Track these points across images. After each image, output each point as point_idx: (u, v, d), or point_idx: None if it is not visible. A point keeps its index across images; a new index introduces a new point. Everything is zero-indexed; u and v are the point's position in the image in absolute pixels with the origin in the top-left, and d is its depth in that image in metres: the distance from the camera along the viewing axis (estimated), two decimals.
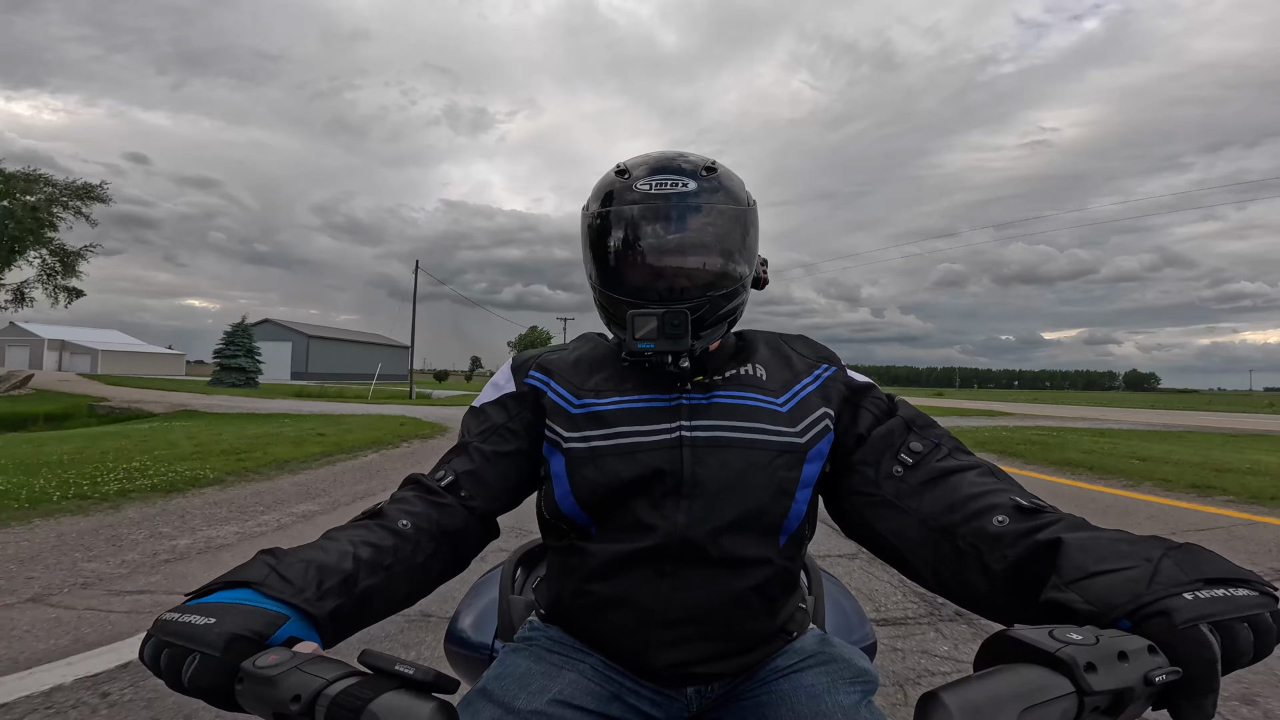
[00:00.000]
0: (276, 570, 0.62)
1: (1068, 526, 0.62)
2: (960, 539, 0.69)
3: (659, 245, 0.80)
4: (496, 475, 0.83)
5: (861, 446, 0.82)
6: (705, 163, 0.84)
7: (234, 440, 8.47)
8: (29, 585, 3.07)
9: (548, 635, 0.85)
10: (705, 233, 0.80)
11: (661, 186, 0.80)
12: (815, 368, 0.89)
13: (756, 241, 0.87)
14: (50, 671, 2.22)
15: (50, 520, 4.32)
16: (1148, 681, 0.43)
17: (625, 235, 0.81)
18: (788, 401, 0.84)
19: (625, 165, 0.85)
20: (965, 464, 0.76)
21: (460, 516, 0.80)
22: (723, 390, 0.85)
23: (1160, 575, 0.51)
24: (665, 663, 0.77)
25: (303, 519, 4.70)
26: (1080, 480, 7.14)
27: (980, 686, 0.42)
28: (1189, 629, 0.45)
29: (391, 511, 0.76)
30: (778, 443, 0.80)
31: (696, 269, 0.80)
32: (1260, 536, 4.46)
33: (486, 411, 0.87)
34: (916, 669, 2.36)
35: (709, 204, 0.80)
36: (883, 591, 3.19)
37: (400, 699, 0.46)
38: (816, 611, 1.01)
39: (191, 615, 0.55)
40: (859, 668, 0.79)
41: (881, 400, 0.86)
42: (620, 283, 0.81)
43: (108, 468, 6.10)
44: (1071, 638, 0.44)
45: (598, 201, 0.84)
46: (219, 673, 0.51)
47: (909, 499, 0.75)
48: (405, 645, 2.50)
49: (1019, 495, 0.69)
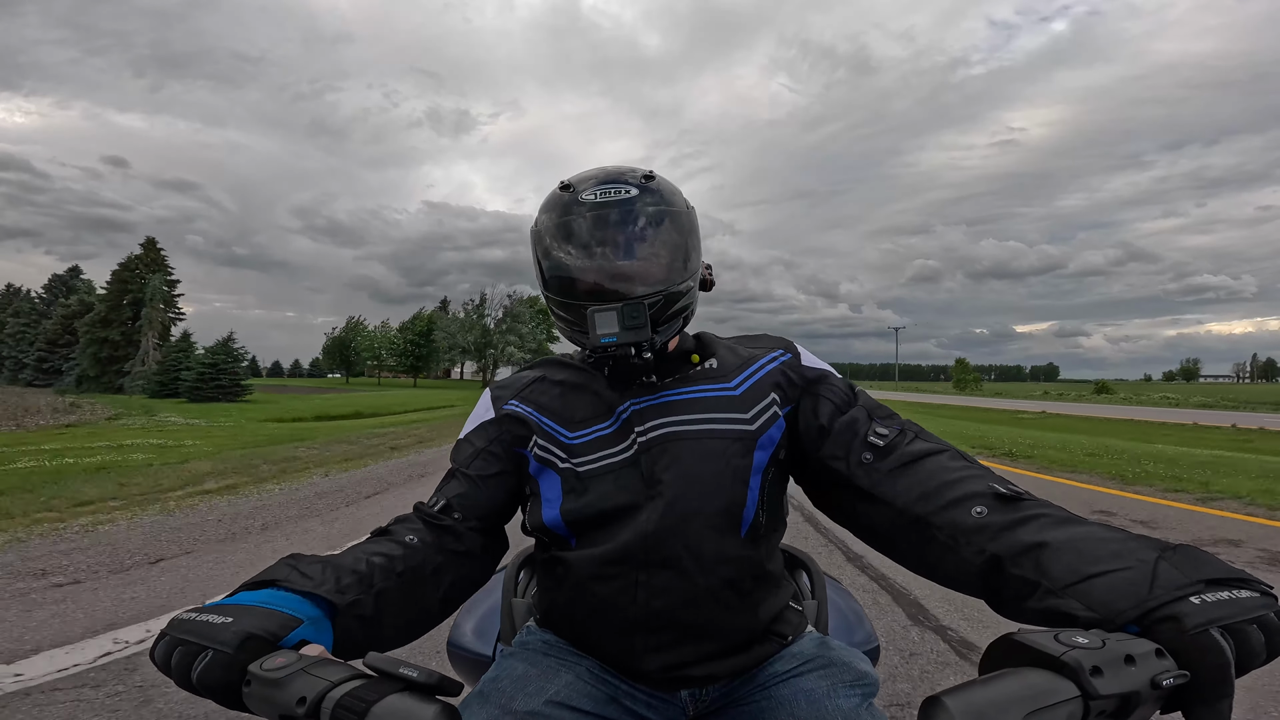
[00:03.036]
0: (298, 569, 0.66)
1: (1052, 523, 0.61)
2: (939, 529, 0.69)
3: (609, 248, 0.83)
4: (486, 496, 0.88)
5: (827, 439, 0.83)
6: (644, 172, 0.89)
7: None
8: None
9: (544, 639, 0.86)
10: (651, 233, 0.85)
11: (606, 195, 0.84)
12: (769, 353, 0.91)
13: (699, 243, 0.90)
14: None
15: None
16: (1155, 685, 0.43)
17: (577, 242, 0.84)
18: (740, 385, 0.87)
19: (569, 181, 0.89)
20: (934, 448, 0.77)
21: (463, 537, 0.84)
22: (671, 388, 0.87)
23: (1160, 578, 0.51)
24: (654, 666, 0.79)
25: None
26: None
27: (984, 690, 0.42)
28: (1200, 634, 0.45)
29: (398, 530, 0.81)
30: (728, 430, 0.83)
31: (646, 267, 0.84)
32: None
33: (470, 440, 0.92)
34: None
35: (651, 207, 0.85)
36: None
37: (404, 702, 0.46)
38: (819, 615, 1.00)
39: (209, 615, 0.56)
40: (859, 671, 0.79)
41: (839, 388, 0.87)
42: (575, 288, 0.85)
43: None
44: (1078, 641, 0.44)
45: (547, 214, 0.88)
46: (230, 670, 0.52)
47: (883, 487, 0.76)
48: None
49: (996, 482, 0.69)
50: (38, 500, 5.17)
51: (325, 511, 5.18)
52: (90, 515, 4.73)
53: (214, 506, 5.22)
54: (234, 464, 7.54)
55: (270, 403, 28.43)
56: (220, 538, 4.25)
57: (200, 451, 8.85)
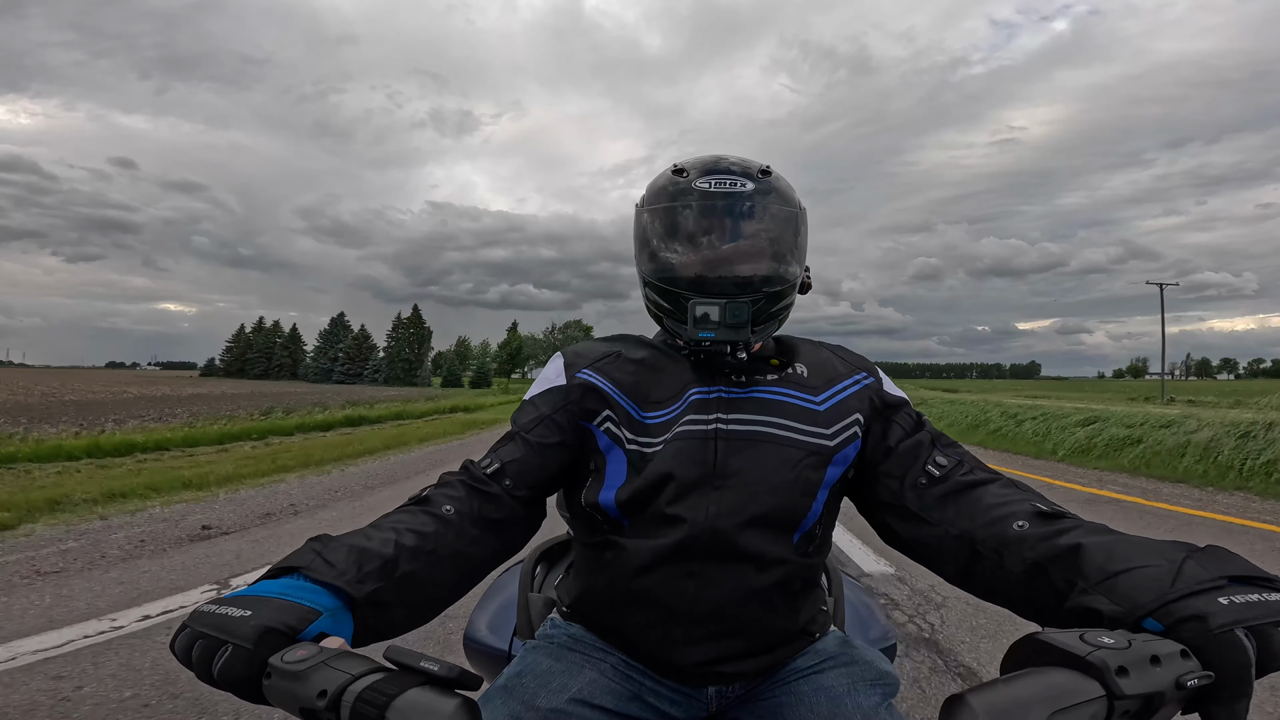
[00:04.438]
0: (322, 555, 0.64)
1: (1087, 531, 0.62)
2: (981, 544, 0.69)
3: (717, 240, 0.81)
4: (542, 465, 0.84)
5: (889, 459, 0.82)
6: (760, 165, 0.85)
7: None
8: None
9: (569, 633, 0.85)
10: (761, 231, 0.82)
11: (720, 185, 0.81)
12: (854, 374, 0.89)
13: (806, 244, 0.87)
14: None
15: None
16: (1179, 686, 0.42)
17: (684, 230, 0.82)
18: (825, 401, 0.85)
19: (682, 165, 0.86)
20: (987, 478, 0.77)
21: (505, 505, 0.80)
22: (763, 386, 0.85)
23: (1184, 573, 0.50)
24: (689, 661, 0.78)
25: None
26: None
27: (1007, 689, 0.41)
28: (1225, 633, 0.45)
29: (436, 497, 0.77)
30: (808, 443, 0.81)
31: (753, 265, 0.81)
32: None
33: (535, 403, 0.88)
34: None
35: (765, 204, 0.82)
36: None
37: (424, 695, 0.46)
38: (836, 613, 1.00)
39: (228, 608, 0.55)
40: (880, 670, 0.79)
41: (911, 416, 0.87)
42: (678, 276, 0.82)
43: None
44: (1103, 641, 0.43)
45: (656, 199, 0.85)
46: (249, 665, 0.52)
47: (933, 510, 0.76)
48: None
49: (1040, 502, 0.70)
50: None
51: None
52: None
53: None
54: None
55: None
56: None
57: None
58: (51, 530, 4.26)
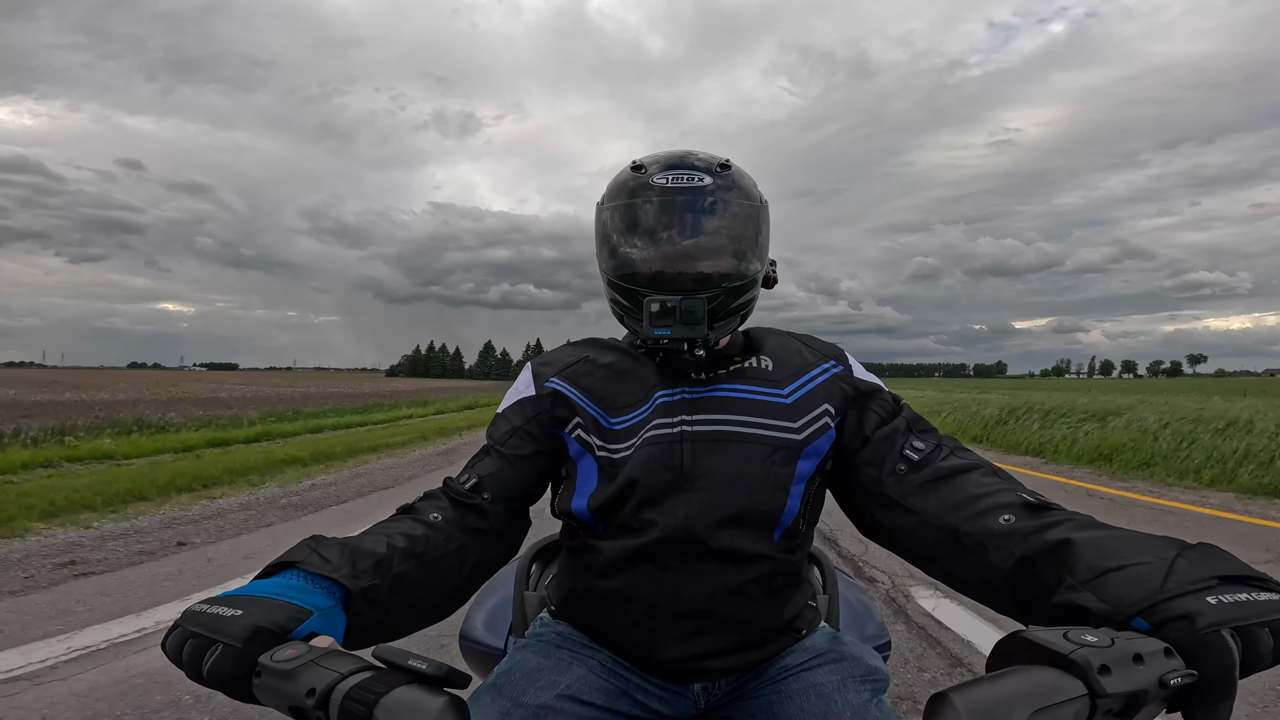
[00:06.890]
0: (317, 551, 0.65)
1: (1077, 526, 0.61)
2: (965, 536, 0.68)
3: (676, 236, 0.80)
4: (517, 476, 0.85)
5: (866, 447, 0.82)
6: (719, 160, 0.84)
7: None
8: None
9: (557, 631, 0.86)
10: (720, 226, 0.81)
11: (678, 180, 0.80)
12: (822, 363, 0.88)
13: (768, 239, 0.86)
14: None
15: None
16: (1163, 684, 0.42)
17: (642, 226, 0.81)
18: (792, 393, 0.84)
19: (640, 161, 0.85)
20: (968, 464, 0.76)
21: (489, 516, 0.82)
22: (725, 383, 0.85)
23: (1175, 573, 0.50)
24: (674, 656, 0.78)
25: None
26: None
27: (991, 687, 0.41)
28: (1211, 634, 0.45)
29: (423, 507, 0.80)
30: (774, 438, 0.81)
31: (711, 261, 0.80)
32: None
33: (507, 416, 0.89)
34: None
35: (724, 199, 0.81)
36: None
37: (412, 693, 0.46)
38: (830, 610, 1.00)
39: (219, 607, 0.56)
40: (869, 666, 0.79)
41: (887, 402, 0.86)
42: (636, 273, 0.82)
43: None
44: (1086, 639, 0.43)
45: (614, 195, 0.84)
46: (239, 664, 0.52)
47: (913, 497, 0.75)
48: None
49: (1025, 493, 0.69)
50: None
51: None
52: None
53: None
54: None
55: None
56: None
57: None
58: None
